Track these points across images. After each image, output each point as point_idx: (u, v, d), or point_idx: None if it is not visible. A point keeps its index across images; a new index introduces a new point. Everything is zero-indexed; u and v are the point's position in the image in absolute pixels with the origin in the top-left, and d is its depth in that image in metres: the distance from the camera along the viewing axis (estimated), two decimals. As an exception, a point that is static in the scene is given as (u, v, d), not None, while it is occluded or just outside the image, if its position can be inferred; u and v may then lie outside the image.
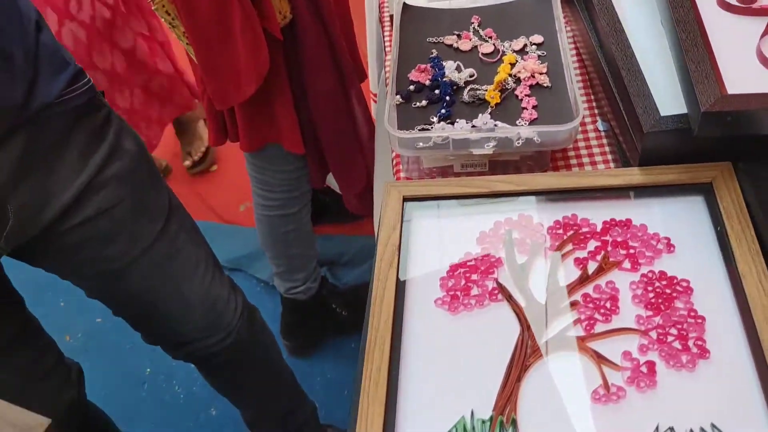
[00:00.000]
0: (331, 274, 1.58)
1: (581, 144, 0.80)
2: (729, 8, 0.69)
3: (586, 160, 0.79)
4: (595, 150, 0.80)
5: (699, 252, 0.61)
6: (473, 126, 0.73)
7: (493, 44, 0.83)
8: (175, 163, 2.03)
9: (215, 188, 1.97)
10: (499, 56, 0.82)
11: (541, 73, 0.77)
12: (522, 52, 0.82)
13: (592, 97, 0.85)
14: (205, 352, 1.01)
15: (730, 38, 0.66)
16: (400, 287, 0.62)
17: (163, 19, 0.98)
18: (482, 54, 0.82)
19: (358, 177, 1.19)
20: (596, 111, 0.83)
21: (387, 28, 1.00)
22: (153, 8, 0.96)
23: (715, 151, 0.67)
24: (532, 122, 0.73)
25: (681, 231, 0.63)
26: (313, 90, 1.05)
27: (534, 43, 0.82)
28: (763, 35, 0.65)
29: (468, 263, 0.64)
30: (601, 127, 0.81)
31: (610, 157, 0.78)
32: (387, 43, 0.98)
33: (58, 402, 0.93)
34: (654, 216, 0.65)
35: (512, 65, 0.79)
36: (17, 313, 0.91)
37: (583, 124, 0.82)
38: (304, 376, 1.28)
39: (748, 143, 0.64)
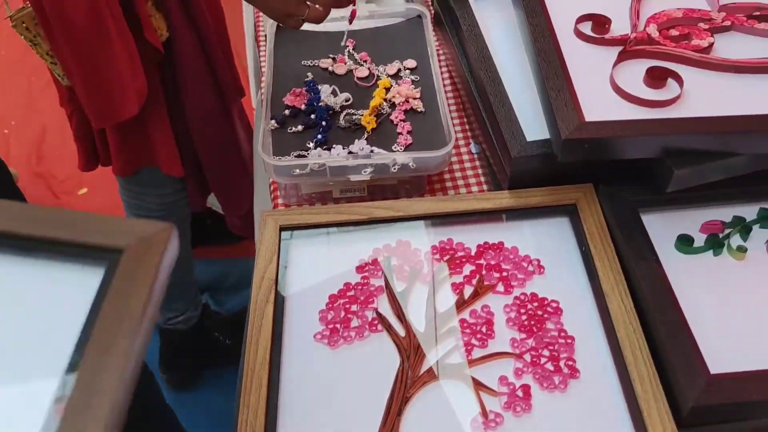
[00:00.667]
0: (213, 300, 1.51)
1: (456, 167, 0.82)
2: (585, 38, 0.73)
3: (461, 182, 0.81)
4: (469, 172, 0.82)
5: (567, 272, 0.64)
6: (350, 152, 0.72)
7: (368, 68, 0.83)
8: (38, 183, 1.87)
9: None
10: (374, 80, 0.82)
11: (414, 98, 0.78)
12: (396, 76, 0.82)
13: (465, 120, 0.87)
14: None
15: (587, 67, 0.70)
16: (278, 323, 0.60)
17: (22, 36, 0.89)
18: (357, 78, 0.82)
19: (241, 197, 1.15)
20: (469, 134, 0.86)
21: (263, 48, 0.97)
22: (11, 24, 0.87)
23: (580, 173, 0.70)
24: (407, 147, 0.74)
25: (550, 252, 0.66)
26: (192, 109, 1.00)
27: (408, 68, 0.83)
28: (615, 64, 0.70)
29: (347, 294, 0.63)
30: (474, 150, 0.84)
31: (483, 179, 0.81)
32: (263, 63, 0.95)
33: None
34: (525, 238, 0.68)
35: (387, 89, 0.79)
36: None
37: (456, 146, 0.84)
38: (187, 412, 1.21)
39: (608, 166, 0.68)
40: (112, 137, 1.00)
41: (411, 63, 0.84)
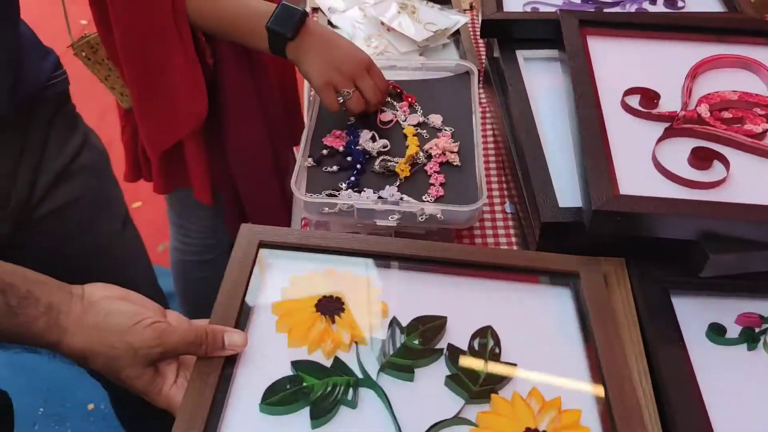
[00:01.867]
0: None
1: (488, 224, 0.81)
2: (631, 111, 0.72)
3: (490, 240, 0.79)
4: (501, 231, 0.80)
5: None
6: (379, 197, 0.72)
7: (394, 114, 0.84)
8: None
9: (136, 224, 1.89)
10: (393, 124, 0.82)
11: (452, 152, 0.78)
12: (431, 128, 0.82)
13: (503, 178, 0.86)
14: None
15: (630, 140, 0.68)
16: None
17: (83, 62, 0.94)
18: (380, 121, 0.83)
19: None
20: (506, 193, 0.85)
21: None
22: (73, 53, 0.92)
23: (612, 245, 0.68)
24: (437, 199, 0.73)
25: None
26: (234, 141, 1.02)
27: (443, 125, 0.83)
28: (659, 140, 0.68)
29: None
30: (508, 209, 0.83)
31: (513, 239, 0.79)
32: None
33: None
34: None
35: (414, 136, 0.80)
36: None
37: (491, 204, 0.83)
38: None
39: (643, 241, 0.65)
40: (152, 156, 1.03)
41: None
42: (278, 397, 0.52)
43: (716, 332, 0.62)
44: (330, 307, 0.59)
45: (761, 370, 0.60)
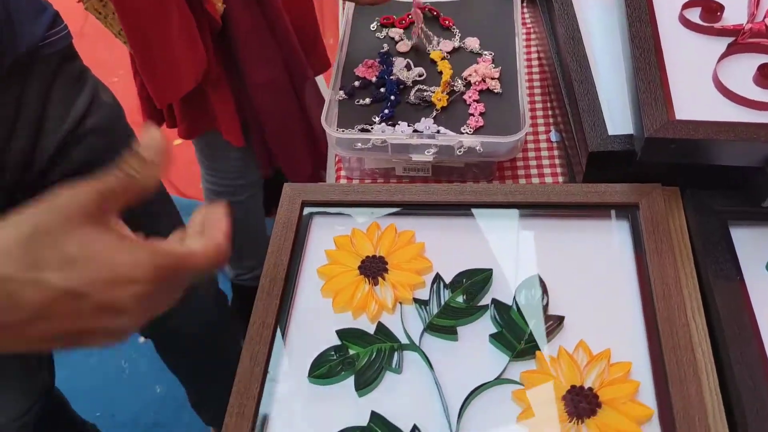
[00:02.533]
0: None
1: (531, 154, 0.77)
2: (691, 26, 0.65)
3: (534, 171, 0.75)
4: (545, 161, 0.76)
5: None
6: (415, 130, 0.69)
7: (421, 39, 0.79)
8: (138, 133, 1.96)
9: (177, 162, 1.91)
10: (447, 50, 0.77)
11: (492, 78, 0.73)
12: (473, 53, 0.77)
13: (549, 104, 0.81)
14: (173, 330, 0.98)
15: (688, 59, 0.62)
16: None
17: (95, 16, 0.91)
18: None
19: (306, 168, 1.15)
20: (551, 120, 0.80)
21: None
22: (84, 7, 0.89)
23: (664, 175, 0.63)
24: (477, 130, 0.70)
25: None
26: (253, 82, 0.99)
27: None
28: (721, 58, 0.62)
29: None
30: (553, 138, 0.78)
31: (559, 170, 0.75)
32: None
33: (34, 385, 0.89)
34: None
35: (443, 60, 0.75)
36: None
37: (536, 133, 0.79)
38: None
39: (699, 169, 0.61)
40: (177, 106, 1.01)
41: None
42: (325, 369, 0.52)
43: (779, 265, 0.57)
44: (373, 268, 0.57)
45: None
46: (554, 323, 0.53)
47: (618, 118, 0.64)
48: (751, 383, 0.49)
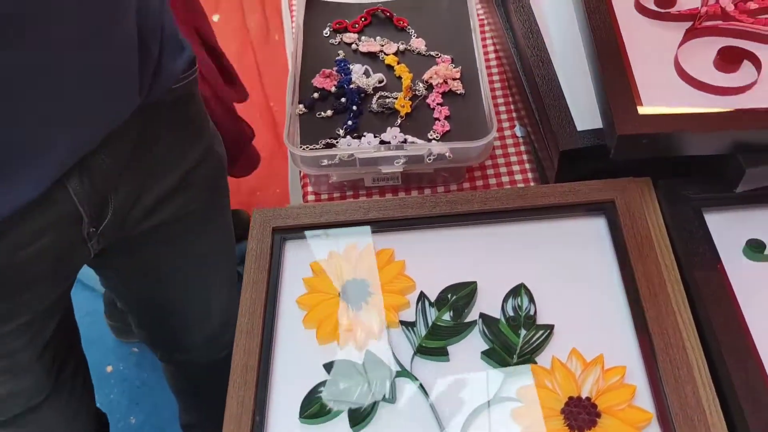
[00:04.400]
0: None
1: (498, 152, 0.76)
2: (647, 13, 0.65)
3: (503, 170, 0.75)
4: (513, 158, 0.75)
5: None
6: (381, 141, 0.67)
7: (380, 44, 0.77)
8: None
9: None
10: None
11: (454, 79, 0.72)
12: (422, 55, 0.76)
13: (510, 99, 0.80)
14: (195, 361, 0.96)
15: (648, 48, 0.62)
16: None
17: None
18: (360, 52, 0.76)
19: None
20: (514, 115, 0.79)
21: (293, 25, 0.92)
22: None
23: (637, 166, 0.63)
24: (443, 135, 0.68)
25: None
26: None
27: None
28: (681, 43, 0.62)
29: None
30: (518, 133, 0.77)
31: (527, 166, 0.74)
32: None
33: None
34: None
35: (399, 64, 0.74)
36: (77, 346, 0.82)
37: (500, 129, 0.78)
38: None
39: (670, 160, 0.61)
40: None
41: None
42: (316, 408, 0.50)
43: (754, 248, 0.58)
44: (355, 293, 0.56)
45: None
46: (544, 333, 0.52)
47: (585, 111, 0.63)
48: (743, 373, 0.50)
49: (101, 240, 0.66)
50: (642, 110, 0.56)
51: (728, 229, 0.60)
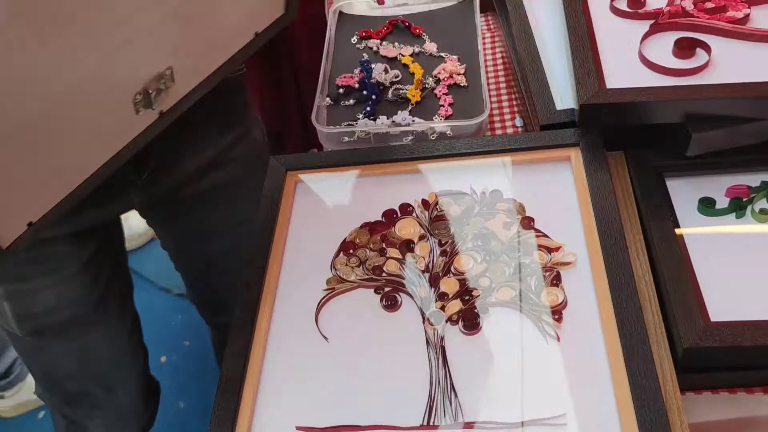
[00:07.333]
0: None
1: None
2: (619, 13, 0.76)
3: (502, 153, 0.86)
4: (512, 144, 0.87)
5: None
6: (393, 122, 0.80)
7: (395, 47, 0.91)
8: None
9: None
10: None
11: (458, 74, 0.85)
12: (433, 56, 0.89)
13: (513, 96, 0.92)
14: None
15: (617, 40, 0.73)
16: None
17: None
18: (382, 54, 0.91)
19: None
20: (516, 109, 0.91)
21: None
22: None
23: (611, 142, 0.73)
24: (446, 118, 0.81)
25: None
26: None
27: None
28: (645, 37, 0.73)
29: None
30: (518, 123, 0.89)
31: (524, 150, 0.86)
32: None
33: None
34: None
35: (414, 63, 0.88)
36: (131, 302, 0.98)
37: (503, 120, 0.90)
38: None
39: (639, 134, 0.71)
40: None
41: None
42: None
43: (706, 204, 0.67)
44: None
45: (748, 236, 0.65)
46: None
47: (566, 97, 0.75)
48: (684, 301, 0.59)
49: (142, 194, 0.81)
50: (604, 86, 0.67)
51: (685, 191, 0.69)
